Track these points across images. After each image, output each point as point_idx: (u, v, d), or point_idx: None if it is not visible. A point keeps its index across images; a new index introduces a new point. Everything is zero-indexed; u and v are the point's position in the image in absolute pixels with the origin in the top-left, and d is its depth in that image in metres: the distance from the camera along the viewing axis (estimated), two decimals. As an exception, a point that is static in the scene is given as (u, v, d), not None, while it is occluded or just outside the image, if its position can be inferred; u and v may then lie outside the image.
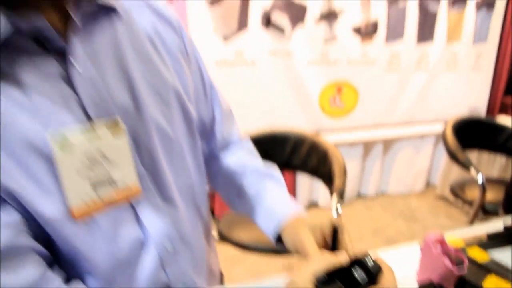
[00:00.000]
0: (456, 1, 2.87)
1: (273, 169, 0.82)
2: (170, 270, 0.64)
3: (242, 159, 0.82)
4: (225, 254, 2.20)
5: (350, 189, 3.02)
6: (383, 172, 3.15)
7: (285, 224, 0.68)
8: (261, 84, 2.48)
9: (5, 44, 0.45)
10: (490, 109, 3.35)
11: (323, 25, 2.52)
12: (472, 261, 0.68)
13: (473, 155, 2.79)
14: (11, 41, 0.46)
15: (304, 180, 2.82)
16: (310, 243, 0.60)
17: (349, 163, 2.80)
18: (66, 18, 0.50)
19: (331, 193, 1.41)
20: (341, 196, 1.38)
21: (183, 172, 0.66)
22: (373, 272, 0.43)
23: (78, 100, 0.51)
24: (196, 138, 0.70)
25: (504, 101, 3.34)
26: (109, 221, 0.55)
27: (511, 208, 1.37)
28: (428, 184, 3.34)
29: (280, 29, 2.44)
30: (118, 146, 0.54)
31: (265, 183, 0.77)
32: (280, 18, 2.42)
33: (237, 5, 2.31)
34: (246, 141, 0.87)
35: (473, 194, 1.86)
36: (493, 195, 1.82)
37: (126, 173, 0.55)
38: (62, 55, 0.50)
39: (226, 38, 2.34)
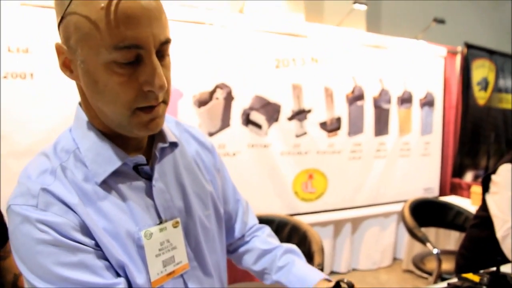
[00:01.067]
0: (403, 100, 3.41)
1: (292, 246, 1.03)
2: None
3: (267, 240, 1.04)
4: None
5: (324, 266, 3.23)
6: (353, 249, 3.40)
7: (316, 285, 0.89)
8: (241, 173, 2.77)
9: (116, 170, 0.69)
10: (442, 190, 3.77)
11: (295, 121, 2.93)
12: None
13: (431, 230, 3.12)
14: (120, 168, 0.70)
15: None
16: None
17: (323, 243, 3.05)
18: (150, 153, 0.76)
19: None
20: (321, 270, 1.64)
21: (214, 252, 0.87)
22: (349, 285, 0.71)
23: (155, 206, 0.74)
24: (222, 228, 0.94)
25: (453, 182, 3.79)
26: (165, 285, 0.73)
27: (461, 272, 1.66)
28: (395, 259, 3.61)
29: (258, 126, 2.81)
30: (176, 235, 0.77)
31: (292, 256, 0.98)
32: (258, 117, 2.80)
33: (221, 106, 2.68)
34: (265, 226, 1.10)
35: (432, 265, 2.15)
36: (449, 265, 2.11)
37: (181, 253, 0.78)
38: (147, 177, 0.75)
39: (211, 134, 2.67)
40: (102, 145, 0.70)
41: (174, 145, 0.81)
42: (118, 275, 0.68)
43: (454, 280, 1.15)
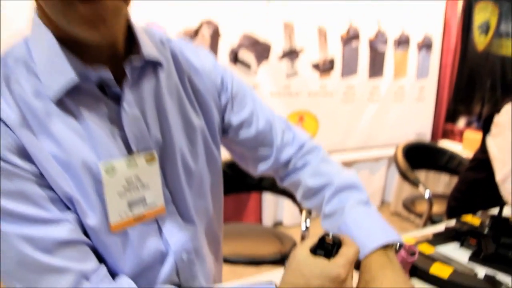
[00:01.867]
0: (400, 42, 3.25)
1: (349, 178, 0.82)
2: (183, 276, 0.73)
3: (318, 170, 0.83)
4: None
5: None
6: (342, 194, 3.38)
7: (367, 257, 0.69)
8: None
9: (76, 87, 0.57)
10: (434, 135, 3.73)
11: (286, 61, 2.78)
12: (422, 254, 0.89)
13: (421, 174, 3.10)
14: (81, 85, 0.57)
15: (269, 200, 3.01)
16: None
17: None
18: (123, 71, 0.61)
19: (300, 210, 1.61)
20: (309, 212, 1.58)
21: (201, 198, 0.76)
22: (336, 242, 0.60)
23: (123, 136, 0.62)
24: (217, 171, 0.79)
25: (445, 128, 3.74)
26: (138, 234, 0.64)
27: (452, 215, 1.62)
28: (383, 202, 3.64)
29: (247, 65, 2.67)
30: (150, 172, 0.64)
31: (343, 199, 0.79)
32: (247, 55, 2.65)
33: (207, 43, 2.52)
34: (318, 146, 0.89)
35: (422, 208, 2.13)
36: (439, 208, 2.08)
37: (155, 195, 0.65)
38: (117, 100, 0.61)
39: (198, 73, 2.52)
40: (57, 52, 0.56)
41: (157, 65, 0.67)
42: (68, 209, 0.58)
43: (451, 223, 1.09)
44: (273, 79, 2.78)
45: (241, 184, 1.91)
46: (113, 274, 0.63)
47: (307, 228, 1.53)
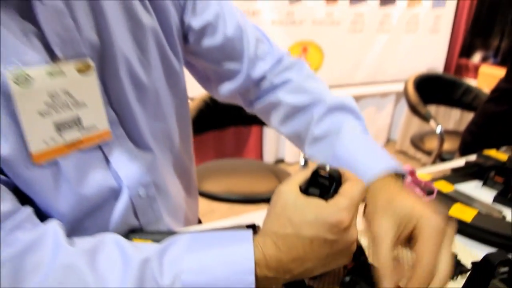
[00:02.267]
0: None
1: (344, 98, 0.68)
2: (143, 216, 0.62)
3: (303, 86, 0.69)
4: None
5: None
6: (347, 131, 3.24)
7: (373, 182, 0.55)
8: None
9: None
10: (447, 70, 3.50)
11: (289, -16, 2.52)
12: (439, 192, 0.75)
13: (431, 109, 2.93)
14: None
15: (271, 136, 2.88)
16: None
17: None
18: None
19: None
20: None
21: (160, 119, 0.63)
22: (335, 176, 0.45)
23: (42, 37, 0.45)
24: (180, 92, 0.67)
25: (459, 62, 3.49)
26: (74, 165, 0.50)
27: (466, 152, 1.48)
28: (389, 140, 3.50)
29: (246, -12, 2.42)
30: (85, 85, 0.49)
31: (339, 119, 0.65)
32: (246, -24, 2.39)
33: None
34: (300, 60, 0.74)
35: (432, 144, 1.98)
36: (449, 146, 1.94)
37: (94, 114, 0.51)
38: None
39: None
40: None
41: None
42: None
43: (471, 158, 0.94)
44: (275, 6, 2.53)
45: (239, 117, 1.76)
46: (49, 217, 0.51)
47: (306, 163, 1.39)
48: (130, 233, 0.62)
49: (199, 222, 0.98)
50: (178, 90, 0.67)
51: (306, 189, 0.45)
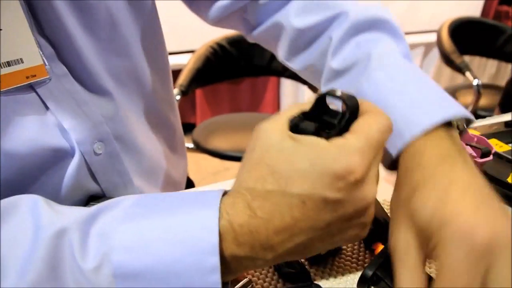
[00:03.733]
0: None
1: (383, 12, 0.47)
2: (104, 179, 0.49)
3: (320, 4, 0.49)
4: (205, 166, 2.11)
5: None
6: (369, 86, 3.02)
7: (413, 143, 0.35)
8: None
9: None
10: (484, 17, 3.18)
11: None
12: (496, 154, 0.57)
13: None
14: None
15: (289, 89, 2.68)
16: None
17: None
18: None
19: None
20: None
21: (118, 52, 0.49)
22: (349, 105, 0.29)
23: None
24: (148, 17, 0.51)
25: (498, 9, 3.16)
26: None
27: (508, 109, 1.27)
28: (415, 97, 3.27)
29: None
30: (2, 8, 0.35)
31: (365, 46, 0.45)
32: None
33: None
34: None
35: (466, 99, 1.76)
36: (485, 101, 1.72)
37: (16, 43, 0.38)
38: None
39: None
40: None
41: None
42: None
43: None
44: None
45: (252, 66, 1.58)
46: None
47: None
48: (90, 201, 0.49)
49: (190, 186, 0.83)
50: (143, 11, 0.50)
51: (297, 124, 0.29)
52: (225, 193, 0.30)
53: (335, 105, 0.30)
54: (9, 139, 0.39)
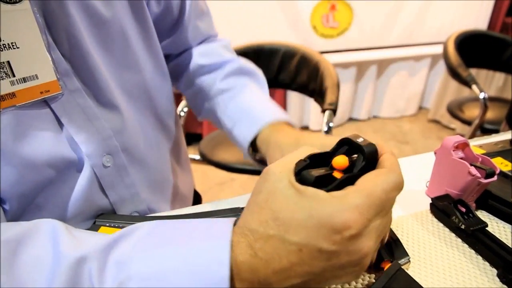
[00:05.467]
0: None
1: (255, 68, 0.69)
2: (113, 192, 0.51)
3: (216, 51, 0.68)
4: (212, 176, 2.12)
5: (342, 112, 2.91)
6: (376, 95, 3.03)
7: (268, 126, 0.55)
8: (245, 1, 2.26)
9: None
10: (491, 29, 3.17)
11: None
12: (501, 173, 0.57)
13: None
14: None
15: (294, 102, 2.69)
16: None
17: (341, 86, 2.66)
18: None
19: (323, 109, 1.28)
20: (333, 111, 1.25)
21: (128, 66, 0.51)
22: (367, 152, 0.32)
23: None
24: (149, 25, 0.54)
25: (506, 22, 3.15)
26: (8, 126, 0.39)
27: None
28: (421, 108, 3.25)
29: None
30: (15, 20, 0.37)
31: (244, 80, 0.65)
32: None
33: None
34: (224, 38, 0.72)
35: (472, 113, 1.76)
36: (492, 114, 1.72)
37: (32, 60, 0.39)
38: None
39: None
40: None
41: None
42: None
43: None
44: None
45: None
46: None
47: (329, 128, 1.21)
48: (97, 218, 0.50)
49: (197, 198, 0.84)
50: (147, 27, 0.53)
51: (301, 171, 0.31)
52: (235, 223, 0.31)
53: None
54: (25, 151, 0.41)
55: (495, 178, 0.47)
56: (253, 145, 0.58)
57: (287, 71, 1.48)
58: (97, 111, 0.46)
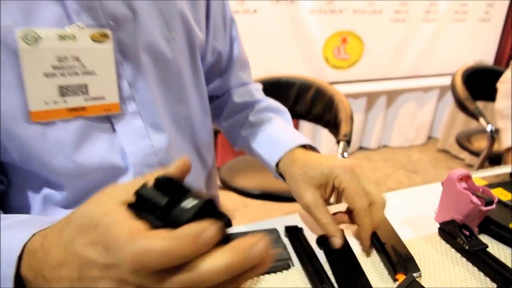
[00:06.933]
0: None
1: (281, 106, 0.79)
2: None
3: (250, 92, 0.78)
4: (229, 202, 2.19)
5: (352, 141, 2.96)
6: (385, 125, 3.11)
7: (288, 152, 0.62)
8: (263, 34, 2.38)
9: None
10: (497, 63, 3.27)
11: (330, -30, 2.40)
12: (499, 202, 0.65)
13: (479, 105, 2.74)
14: None
15: (306, 132, 2.77)
16: (305, 188, 0.55)
17: (352, 116, 2.75)
18: None
19: (338, 140, 1.37)
20: (347, 142, 1.34)
21: (179, 102, 0.61)
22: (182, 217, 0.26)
23: (61, 1, 0.45)
24: (200, 69, 0.65)
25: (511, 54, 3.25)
26: (75, 131, 0.50)
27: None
28: (430, 138, 3.32)
29: (284, -26, 2.32)
30: (98, 54, 0.48)
31: (271, 115, 0.73)
32: (285, -39, 2.29)
33: None
34: (257, 83, 0.84)
35: (480, 144, 1.83)
36: (499, 146, 1.78)
37: (104, 85, 0.50)
38: None
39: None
40: None
41: None
42: None
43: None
44: (314, -7, 2.41)
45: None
46: (48, 185, 0.52)
47: (344, 158, 1.29)
48: None
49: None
50: (199, 70, 0.64)
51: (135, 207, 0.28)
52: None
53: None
54: (80, 153, 0.51)
55: (494, 206, 0.55)
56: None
57: (303, 102, 1.58)
58: (147, 131, 0.56)
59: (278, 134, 0.67)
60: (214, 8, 0.66)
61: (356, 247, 0.56)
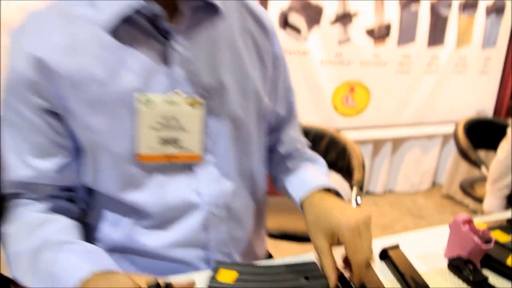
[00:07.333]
0: (466, 6, 2.95)
1: (319, 157, 0.88)
2: (211, 234, 0.70)
3: (294, 144, 0.87)
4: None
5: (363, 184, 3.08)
6: (391, 170, 3.22)
7: (310, 193, 0.71)
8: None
9: (127, 19, 0.58)
10: (497, 112, 3.43)
11: (338, 26, 2.60)
12: (496, 242, 0.76)
13: (481, 154, 2.86)
14: (132, 17, 0.58)
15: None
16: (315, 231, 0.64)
17: (359, 161, 2.88)
18: (174, 10, 0.61)
19: (351, 186, 1.49)
20: (360, 188, 1.46)
21: (246, 155, 0.73)
22: None
23: (169, 74, 0.62)
24: (264, 128, 0.77)
25: (510, 105, 3.42)
26: (165, 171, 0.65)
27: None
28: (434, 184, 3.42)
29: (296, 30, 2.51)
30: (192, 116, 0.64)
31: (307, 163, 0.83)
32: (297, 19, 2.49)
33: (256, 5, 2.38)
34: (304, 139, 0.93)
35: (483, 191, 1.94)
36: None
37: (192, 140, 0.65)
38: (164, 38, 0.61)
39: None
40: None
41: (214, 10, 0.65)
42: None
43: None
44: (324, 46, 2.61)
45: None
46: (138, 215, 0.66)
47: (358, 205, 1.41)
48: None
49: (270, 257, 0.99)
50: (262, 131, 0.77)
51: None
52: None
53: None
54: (166, 191, 0.65)
55: (491, 245, 0.67)
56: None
57: (318, 150, 1.71)
58: (218, 178, 0.69)
59: (306, 176, 0.77)
60: (282, 82, 0.80)
61: None
